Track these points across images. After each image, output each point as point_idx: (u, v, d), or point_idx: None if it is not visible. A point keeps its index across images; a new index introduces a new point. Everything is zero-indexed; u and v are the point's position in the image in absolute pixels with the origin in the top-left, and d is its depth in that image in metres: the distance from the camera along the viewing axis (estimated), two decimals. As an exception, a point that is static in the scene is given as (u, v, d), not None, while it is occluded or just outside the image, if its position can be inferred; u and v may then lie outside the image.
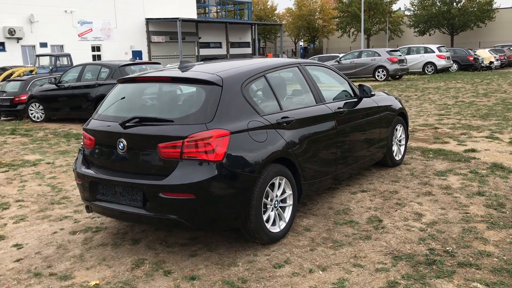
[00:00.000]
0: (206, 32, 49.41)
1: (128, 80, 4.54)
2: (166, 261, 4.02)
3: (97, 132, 4.25)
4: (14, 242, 4.61)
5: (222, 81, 4.00)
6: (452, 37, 55.18)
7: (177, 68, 4.47)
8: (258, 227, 4.00)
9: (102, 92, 11.30)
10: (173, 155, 3.75)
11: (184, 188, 3.67)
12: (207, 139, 3.71)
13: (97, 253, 4.26)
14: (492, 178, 5.80)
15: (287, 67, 4.86)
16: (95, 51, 39.93)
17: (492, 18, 53.31)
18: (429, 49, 26.90)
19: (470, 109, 12.17)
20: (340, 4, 59.66)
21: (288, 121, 4.35)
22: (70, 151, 8.86)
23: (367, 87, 5.64)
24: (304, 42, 73.08)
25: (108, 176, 4.07)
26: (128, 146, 3.96)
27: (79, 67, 12.52)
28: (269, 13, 68.88)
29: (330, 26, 64.95)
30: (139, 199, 3.89)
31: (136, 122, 3.96)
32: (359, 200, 5.25)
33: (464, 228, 4.35)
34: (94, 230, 4.79)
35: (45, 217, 5.26)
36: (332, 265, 3.80)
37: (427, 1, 55.50)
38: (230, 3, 55.13)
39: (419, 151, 7.40)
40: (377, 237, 4.27)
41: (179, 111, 4.01)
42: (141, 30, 43.55)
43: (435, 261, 3.73)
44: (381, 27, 59.22)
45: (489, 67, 29.64)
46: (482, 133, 8.79)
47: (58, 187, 6.45)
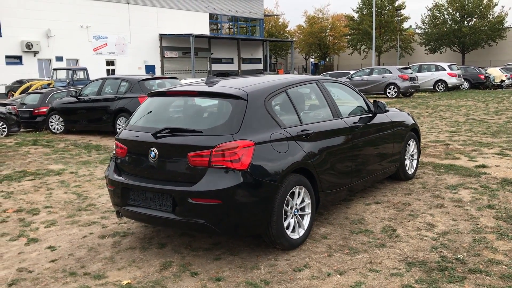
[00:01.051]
0: (218, 48, 50.13)
1: (158, 94, 4.85)
2: (192, 263, 4.28)
3: (130, 142, 4.55)
4: (47, 244, 4.90)
5: (247, 96, 4.29)
6: (463, 55, 55.36)
7: (204, 83, 4.77)
8: (279, 233, 4.25)
9: (121, 105, 11.69)
10: (201, 163, 4.03)
11: (212, 194, 3.94)
12: (234, 149, 3.99)
13: (126, 255, 4.53)
14: (502, 193, 6.01)
15: (306, 83, 5.16)
16: (110, 65, 40.71)
17: (503, 37, 53.48)
18: (440, 67, 27.12)
19: (481, 126, 12.36)
20: (351, 22, 60.22)
21: (308, 134, 4.62)
22: (91, 161, 9.19)
23: (382, 103, 5.91)
24: (315, 58, 73.64)
25: (140, 182, 4.36)
26: (159, 155, 4.25)
27: (99, 81, 12.95)
28: (280, 29, 69.64)
29: (341, 43, 65.46)
30: (168, 204, 4.17)
31: (167, 133, 4.26)
32: (374, 211, 5.48)
33: (475, 238, 4.57)
34: (122, 235, 5.07)
35: (74, 222, 5.54)
36: (349, 269, 4.03)
37: (438, 20, 55.84)
38: (242, 20, 55.90)
39: (430, 166, 7.62)
40: (391, 245, 4.50)
41: (207, 123, 4.30)
42: (154, 45, 44.34)
43: (447, 268, 3.95)
44: (392, 45, 59.58)
45: (500, 85, 29.80)
46: (492, 149, 8.98)
47: (83, 195, 6.75)
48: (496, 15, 53.19)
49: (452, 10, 54.60)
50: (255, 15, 56.09)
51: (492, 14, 53.28)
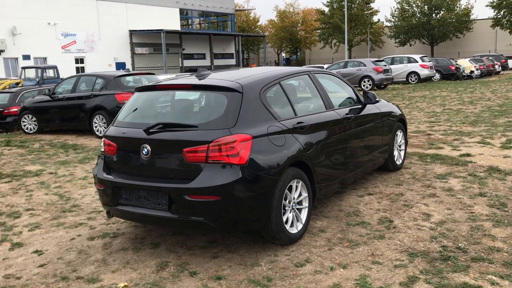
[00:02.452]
0: (190, 44, 49.63)
1: (147, 88, 4.67)
2: (189, 262, 4.13)
3: (119, 139, 4.36)
4: (33, 248, 4.67)
5: (242, 88, 4.17)
6: (432, 47, 56.39)
7: (195, 76, 4.61)
8: (278, 228, 4.15)
9: (97, 103, 11.36)
10: (198, 159, 3.89)
11: (211, 190, 3.80)
12: (231, 143, 3.86)
13: (119, 257, 4.35)
14: (490, 180, 6.05)
15: (299, 75, 5.06)
16: (79, 63, 39.82)
17: (470, 29, 54.71)
18: (413, 59, 27.52)
19: (458, 116, 12.54)
20: (322, 16, 60.51)
21: (303, 126, 4.53)
22: (70, 161, 8.89)
23: (372, 94, 5.87)
24: (286, 53, 73.77)
25: (132, 181, 4.19)
26: (152, 152, 4.08)
27: (73, 78, 12.57)
28: (251, 24, 69.45)
29: (312, 37, 65.77)
30: (164, 202, 4.01)
31: (160, 128, 4.10)
32: (367, 202, 5.44)
33: (472, 227, 4.57)
34: (112, 236, 4.88)
35: (59, 225, 5.32)
36: (352, 263, 3.96)
37: (407, 13, 56.66)
38: (213, 15, 55.48)
39: (416, 156, 7.65)
40: (390, 236, 4.46)
41: (202, 117, 4.15)
42: (124, 42, 43.57)
43: (450, 257, 3.93)
44: (363, 38, 60.18)
45: (470, 76, 30.45)
46: (473, 138, 9.10)
47: (65, 196, 6.50)
48: (463, 8, 54.33)
49: (420, 3, 55.50)
50: (226, 10, 55.73)
51: (459, 6, 54.39)
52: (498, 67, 37.54)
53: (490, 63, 35.79)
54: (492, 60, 36.97)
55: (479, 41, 57.38)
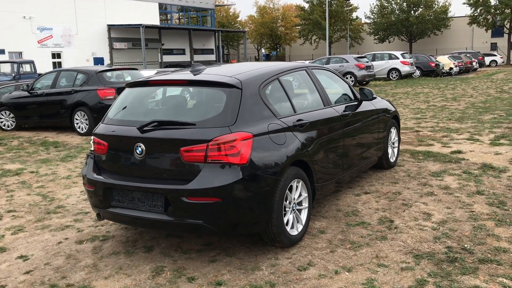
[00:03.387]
0: (169, 39, 49.04)
1: (139, 84, 4.44)
2: (186, 267, 3.93)
3: (111, 137, 4.12)
4: (18, 253, 4.40)
5: (241, 84, 3.97)
6: (410, 44, 56.90)
7: (189, 71, 4.40)
8: (279, 230, 3.98)
9: (78, 98, 11.01)
10: (196, 158, 3.69)
11: (210, 192, 3.61)
12: (232, 142, 3.67)
13: (111, 262, 4.12)
14: (486, 178, 5.99)
15: (296, 70, 4.89)
16: (56, 58, 38.94)
17: (448, 26, 55.35)
18: (394, 56, 27.64)
19: (444, 112, 12.55)
20: (302, 12, 60.45)
21: (303, 124, 4.36)
22: (51, 159, 8.56)
23: (368, 91, 5.73)
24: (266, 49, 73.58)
25: (125, 182, 3.96)
26: (147, 151, 3.86)
27: (53, 73, 12.15)
28: (231, 20, 69.03)
29: (292, 33, 65.71)
30: (160, 204, 3.80)
31: (155, 126, 3.88)
32: (365, 201, 5.31)
33: (474, 226, 4.47)
34: (101, 239, 4.64)
35: (44, 227, 5.05)
36: (356, 265, 3.82)
37: (386, 9, 57.03)
38: (193, 10, 54.91)
39: (408, 153, 7.57)
40: (392, 237, 4.33)
41: (200, 114, 3.94)
42: (103, 36, 42.79)
43: (456, 259, 3.81)
44: (342, 35, 60.36)
45: (449, 73, 30.76)
46: (462, 135, 9.07)
47: (49, 196, 6.21)
48: (441, 5, 54.92)
49: (399, 0, 55.88)
50: (205, 5, 55.21)
51: (437, 4, 54.97)
52: (475, 64, 38.05)
53: (468, 60, 36.24)
54: (470, 57, 37.45)
55: (456, 38, 58.16)
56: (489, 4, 49.44)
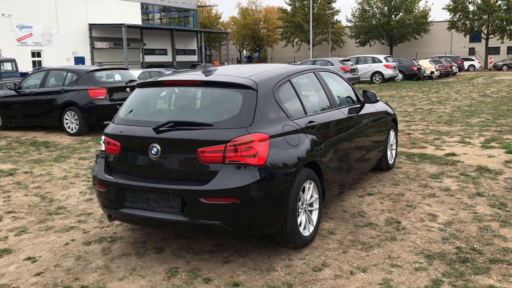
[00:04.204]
0: (151, 39, 48.74)
1: (151, 84, 4.41)
2: (200, 268, 3.92)
3: (124, 137, 4.09)
4: (24, 255, 4.33)
5: (256, 85, 3.99)
6: (391, 48, 57.65)
7: (201, 72, 4.39)
8: (293, 231, 4.00)
9: (68, 98, 10.85)
10: (214, 159, 3.68)
11: (229, 193, 3.61)
12: (250, 143, 3.68)
13: (123, 263, 4.08)
14: (483, 180, 6.12)
15: (305, 72, 4.92)
16: (35, 57, 38.33)
17: (427, 31, 56.26)
18: (377, 59, 27.97)
19: (431, 116, 12.76)
20: (284, 15, 60.71)
21: (314, 126, 4.39)
22: (44, 159, 8.42)
23: (371, 93, 5.80)
24: (247, 51, 73.61)
25: (139, 182, 3.93)
26: (162, 151, 3.84)
27: (41, 72, 11.94)
28: (213, 21, 68.91)
29: (274, 35, 65.92)
30: (176, 205, 3.78)
31: (170, 127, 3.86)
32: (370, 203, 5.37)
33: (480, 227, 4.56)
34: (109, 240, 4.59)
35: (48, 228, 4.97)
36: (370, 266, 3.86)
37: (367, 13, 57.66)
38: (175, 10, 54.66)
39: (403, 156, 7.67)
40: (401, 238, 4.39)
41: (216, 115, 3.93)
42: (84, 35, 42.32)
43: (468, 259, 3.89)
44: (324, 38, 60.81)
45: (430, 77, 31.28)
46: (453, 138, 9.24)
47: (48, 197, 6.12)
48: (421, 10, 55.79)
49: (380, 4, 56.57)
50: (188, 5, 55.05)
51: (417, 9, 55.82)
52: (455, 69, 38.77)
53: (448, 64, 36.92)
54: (450, 62, 38.16)
55: (436, 43, 59.16)
56: (467, 10, 50.43)
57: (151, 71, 21.77)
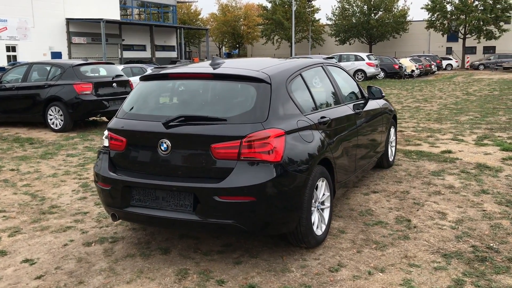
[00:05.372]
0: (130, 35, 47.98)
1: (157, 76, 4.20)
2: (211, 270, 3.75)
3: (131, 133, 3.88)
4: (21, 257, 4.08)
5: (270, 79, 3.82)
6: (370, 46, 58.03)
7: (208, 65, 4.20)
8: (307, 230, 3.86)
9: (53, 93, 10.47)
10: (229, 156, 3.51)
11: (245, 190, 3.44)
12: (266, 139, 3.52)
13: (128, 265, 3.88)
14: (485, 177, 6.08)
15: (315, 66, 4.78)
16: (10, 51, 37.29)
17: (406, 30, 56.82)
18: (359, 57, 28.07)
19: (420, 113, 12.79)
20: (265, 12, 60.53)
21: (325, 121, 4.26)
22: (30, 156, 8.09)
23: (376, 89, 5.69)
24: (227, 48, 73.20)
25: (147, 180, 3.73)
26: (173, 147, 3.65)
27: (23, 66, 11.52)
28: (193, 17, 68.28)
29: (254, 32, 65.69)
30: (188, 204, 3.59)
31: (181, 121, 3.67)
32: (376, 201, 5.27)
33: (491, 225, 4.50)
34: (110, 241, 4.37)
35: (44, 229, 4.72)
36: (388, 266, 3.75)
37: (347, 12, 57.92)
38: (154, 6, 53.96)
39: (400, 153, 7.61)
40: (414, 236, 4.29)
41: (230, 109, 3.75)
42: (61, 30, 41.38)
43: (486, 258, 3.81)
44: (304, 36, 60.84)
45: (411, 75, 31.57)
46: (446, 135, 9.24)
47: (38, 195, 5.84)
48: (400, 9, 56.30)
49: (360, 3, 56.88)
50: (167, 1, 54.38)
51: (396, 8, 56.31)
52: (434, 67, 39.26)
53: (427, 63, 37.34)
54: (429, 61, 38.61)
55: (414, 42, 59.81)
56: (445, 9, 51.06)
57: (133, 66, 21.36)
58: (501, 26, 48.96)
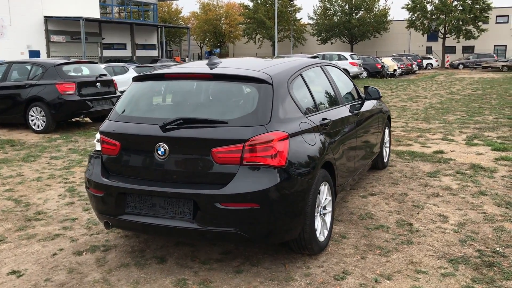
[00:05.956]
0: (110, 33, 47.30)
1: (151, 77, 4.00)
2: (211, 279, 3.58)
3: (125, 136, 3.67)
4: (7, 268, 3.84)
5: (272, 79, 3.66)
6: (351, 46, 58.27)
7: (205, 64, 4.02)
8: (311, 237, 3.71)
9: (34, 93, 10.14)
10: (231, 160, 3.34)
11: (248, 197, 3.28)
12: (269, 143, 3.35)
13: (123, 275, 3.68)
14: (481, 178, 6.02)
15: (313, 66, 4.63)
16: (-14, 50, 36.37)
17: (387, 30, 57.20)
18: (343, 57, 28.10)
19: (407, 113, 12.77)
20: (246, 11, 60.30)
21: (326, 123, 4.12)
22: (11, 159, 7.79)
23: (373, 90, 5.57)
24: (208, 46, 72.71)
25: (143, 186, 3.53)
26: (171, 152, 3.46)
27: (2, 66, 11.12)
28: (173, 16, 67.66)
29: (236, 31, 65.42)
30: (187, 211, 3.41)
31: (179, 124, 3.48)
32: (375, 204, 5.15)
33: (494, 228, 4.42)
34: (102, 249, 4.15)
35: (30, 237, 4.48)
36: (394, 273, 3.62)
37: (329, 11, 58.06)
38: (134, 4, 53.28)
39: (393, 154, 7.53)
40: (418, 241, 4.18)
41: (231, 111, 3.58)
42: (39, 28, 40.53)
43: (493, 263, 3.71)
44: (286, 35, 60.82)
45: (393, 74, 31.76)
46: (435, 135, 9.20)
47: (23, 201, 5.58)
48: (381, 8, 56.66)
49: (341, 2, 57.07)
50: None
51: (377, 7, 56.65)
52: (415, 67, 39.61)
53: (409, 62, 37.64)
54: (410, 60, 38.93)
55: (395, 41, 60.26)
56: (426, 9, 51.53)
57: (115, 65, 20.97)
58: (480, 26, 49.66)
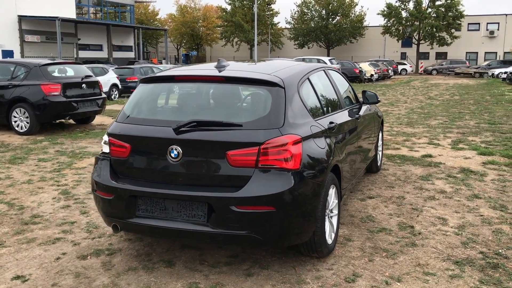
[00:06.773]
0: (86, 34, 46.65)
1: (161, 79, 3.96)
2: (223, 283, 3.56)
3: (136, 138, 3.63)
4: (11, 273, 3.75)
5: (283, 82, 3.68)
6: (328, 50, 58.85)
7: (214, 67, 4.01)
8: (321, 240, 3.74)
9: (17, 94, 9.91)
10: (246, 163, 3.34)
11: (264, 200, 3.28)
12: (284, 146, 3.37)
13: (132, 280, 3.63)
14: (473, 182, 6.16)
15: (318, 70, 4.67)
16: (-42, 49, 35.43)
17: (363, 35, 58.00)
18: (322, 61, 28.29)
19: (389, 117, 12.97)
20: (224, 14, 60.27)
21: (333, 127, 4.16)
22: (-3, 161, 7.60)
23: (371, 94, 5.64)
24: (184, 49, 72.33)
25: (155, 189, 3.50)
26: (184, 154, 3.44)
27: (-16, 65, 10.86)
28: (150, 17, 67.13)
29: (213, 34, 65.30)
30: (201, 214, 3.39)
31: (193, 126, 3.46)
32: (374, 207, 5.22)
33: (493, 231, 4.53)
34: (107, 253, 4.09)
35: (30, 241, 4.38)
36: (402, 275, 3.68)
37: (306, 16, 58.54)
38: (110, 5, 52.68)
39: (384, 157, 7.63)
40: (422, 243, 4.25)
41: (245, 114, 3.59)
42: (12, 28, 39.66)
43: (498, 264, 3.81)
44: (263, 39, 61.01)
45: (370, 79, 32.24)
46: (421, 139, 9.38)
47: (16, 204, 5.45)
48: (357, 14, 57.42)
49: (318, 7, 57.62)
50: (125, 0, 53.22)
51: (353, 13, 57.40)
52: (391, 72, 40.27)
53: (385, 67, 38.25)
54: (386, 65, 39.56)
55: (370, 47, 61.14)
56: (401, 16, 52.52)
57: (94, 66, 20.68)
58: (453, 33, 50.89)
